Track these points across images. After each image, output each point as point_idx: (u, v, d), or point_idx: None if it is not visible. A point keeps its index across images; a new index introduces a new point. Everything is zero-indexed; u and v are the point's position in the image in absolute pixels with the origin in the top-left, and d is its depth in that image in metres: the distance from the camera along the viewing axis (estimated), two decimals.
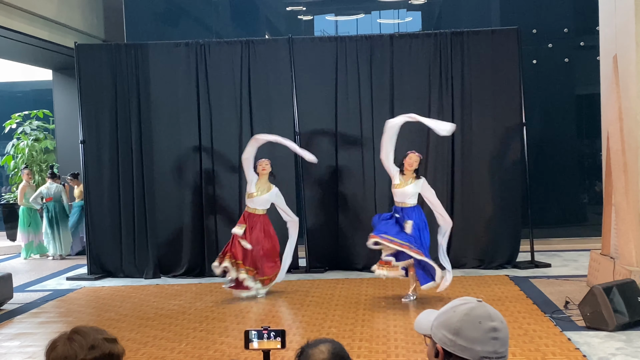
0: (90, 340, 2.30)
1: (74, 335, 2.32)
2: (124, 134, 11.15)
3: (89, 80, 11.20)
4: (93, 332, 2.34)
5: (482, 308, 2.27)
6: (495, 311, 2.25)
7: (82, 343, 2.29)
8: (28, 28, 11.90)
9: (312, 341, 2.65)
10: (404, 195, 8.56)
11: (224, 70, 11.10)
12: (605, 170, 9.24)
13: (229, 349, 6.85)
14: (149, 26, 14.14)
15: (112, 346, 2.34)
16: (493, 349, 2.21)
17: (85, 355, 2.27)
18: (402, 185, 8.58)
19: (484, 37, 10.97)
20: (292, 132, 11.01)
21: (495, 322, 2.21)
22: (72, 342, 2.29)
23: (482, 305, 2.27)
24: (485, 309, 2.27)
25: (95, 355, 2.28)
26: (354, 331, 7.39)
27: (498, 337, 2.21)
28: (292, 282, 10.28)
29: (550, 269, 10.56)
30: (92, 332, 2.35)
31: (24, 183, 13.97)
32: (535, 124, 12.51)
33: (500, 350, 2.21)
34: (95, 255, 11.24)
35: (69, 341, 2.30)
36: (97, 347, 2.30)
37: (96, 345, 2.30)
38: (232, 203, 11.01)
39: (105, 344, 2.32)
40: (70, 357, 2.26)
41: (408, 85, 10.93)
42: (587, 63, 12.79)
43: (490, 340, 2.21)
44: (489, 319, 2.23)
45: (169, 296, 9.63)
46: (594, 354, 6.29)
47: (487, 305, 2.27)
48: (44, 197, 13.74)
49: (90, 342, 2.29)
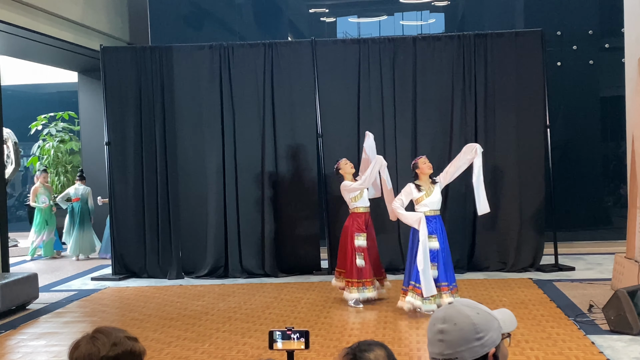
0: (112, 338, 2.36)
1: (96, 334, 2.38)
2: (148, 136, 11.24)
3: (114, 83, 11.32)
4: (115, 331, 2.41)
5: (444, 310, 2.31)
6: (455, 314, 2.25)
7: (105, 341, 2.34)
8: (53, 30, 12.04)
9: (362, 344, 2.52)
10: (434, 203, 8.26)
11: (247, 73, 11.16)
12: (630, 173, 9.16)
13: (252, 349, 6.89)
14: (173, 29, 14.25)
15: (133, 344, 2.40)
16: (439, 351, 2.24)
17: (107, 352, 2.32)
18: (429, 194, 8.27)
19: (507, 39, 10.93)
20: (314, 134, 11.05)
21: (445, 324, 2.24)
22: (95, 341, 2.35)
23: (450, 307, 2.30)
24: (446, 311, 2.30)
25: (118, 352, 2.34)
26: (376, 333, 7.40)
27: (444, 339, 2.23)
28: (314, 283, 10.30)
29: (574, 272, 10.48)
30: (114, 331, 2.41)
31: (38, 184, 14.15)
32: (559, 126, 12.44)
33: (446, 352, 2.23)
34: (119, 256, 11.34)
35: (92, 340, 2.36)
36: (119, 344, 2.36)
37: (118, 342, 2.36)
38: (255, 205, 11.06)
39: (127, 342, 2.38)
40: (93, 354, 2.31)
41: (431, 87, 10.91)
42: (612, 65, 12.69)
43: (437, 342, 2.26)
44: (441, 321, 2.26)
45: (193, 297, 9.69)
46: (618, 357, 6.25)
47: (454, 308, 2.29)
48: (72, 197, 13.94)
49: (112, 340, 2.35)
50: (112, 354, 2.32)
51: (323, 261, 11.16)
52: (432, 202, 8.19)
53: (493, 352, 2.26)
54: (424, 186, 8.25)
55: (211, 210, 11.15)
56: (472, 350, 2.21)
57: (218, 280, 10.81)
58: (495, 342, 2.27)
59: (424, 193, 8.20)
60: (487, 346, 2.24)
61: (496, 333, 2.28)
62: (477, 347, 2.22)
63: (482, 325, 2.24)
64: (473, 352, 2.21)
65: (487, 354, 2.24)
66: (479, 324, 2.24)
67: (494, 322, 2.30)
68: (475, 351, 2.22)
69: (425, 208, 8.18)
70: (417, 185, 8.25)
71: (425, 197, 8.19)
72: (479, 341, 2.22)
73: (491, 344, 2.25)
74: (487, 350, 2.24)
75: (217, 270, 11.10)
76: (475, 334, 2.22)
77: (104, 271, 11.90)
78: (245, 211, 11.10)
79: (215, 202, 11.14)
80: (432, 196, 8.19)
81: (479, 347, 2.22)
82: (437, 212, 8.27)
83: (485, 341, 2.23)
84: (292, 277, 10.84)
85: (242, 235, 11.11)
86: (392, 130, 10.96)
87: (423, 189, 8.22)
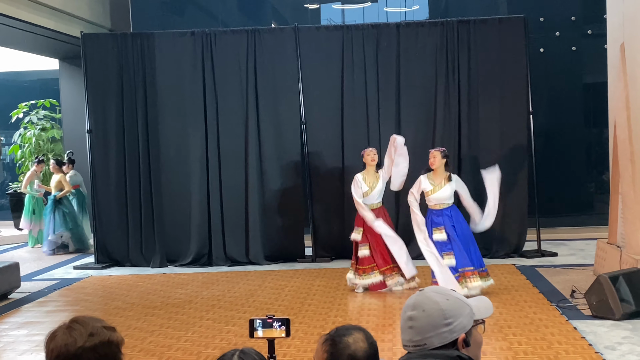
0: (89, 328, 2.33)
1: (73, 324, 2.35)
2: (130, 123, 11.16)
3: (95, 70, 11.22)
4: (92, 321, 2.37)
5: (415, 297, 2.31)
6: (424, 300, 2.25)
7: (82, 331, 2.31)
8: (34, 17, 11.91)
9: (340, 329, 2.48)
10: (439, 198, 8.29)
11: (230, 60, 11.09)
12: (612, 159, 9.21)
13: (235, 337, 6.88)
14: (155, 15, 14.13)
15: (111, 334, 2.37)
16: (409, 338, 2.25)
17: (84, 342, 2.29)
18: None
19: (490, 26, 10.92)
20: (298, 122, 11.01)
21: (414, 311, 2.24)
22: (72, 331, 2.31)
23: (420, 294, 2.30)
24: (416, 298, 2.30)
25: (95, 342, 2.30)
26: (360, 320, 7.40)
27: (413, 326, 2.23)
28: (299, 270, 10.31)
29: (556, 258, 10.54)
30: (91, 320, 2.38)
31: (32, 171, 13.96)
32: (542, 112, 12.46)
33: (415, 338, 2.23)
34: (102, 245, 11.28)
35: (69, 330, 2.32)
36: (96, 334, 2.32)
37: (95, 332, 2.32)
38: (239, 192, 11.03)
39: (105, 332, 2.35)
40: (70, 344, 2.28)
41: (414, 73, 10.90)
42: (594, 51, 12.72)
43: (407, 329, 2.26)
44: (411, 308, 2.27)
45: (176, 285, 9.66)
46: (600, 342, 6.29)
47: (424, 295, 2.28)
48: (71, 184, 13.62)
49: (89, 330, 2.32)
50: (89, 344, 2.29)
51: (307, 248, 11.16)
52: (438, 198, 8.19)
53: (463, 338, 2.25)
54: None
55: (194, 198, 11.10)
56: (441, 335, 2.21)
57: (202, 269, 10.78)
58: (466, 327, 2.26)
59: (432, 188, 8.21)
60: (456, 332, 2.23)
61: (467, 319, 2.27)
62: (445, 333, 2.21)
63: (451, 311, 2.24)
64: (441, 337, 2.21)
65: (457, 339, 2.24)
66: (448, 310, 2.23)
67: (464, 308, 2.29)
68: (443, 337, 2.21)
69: (433, 202, 8.25)
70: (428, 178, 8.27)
71: (434, 191, 8.20)
72: (447, 327, 2.22)
73: (460, 329, 2.24)
74: (457, 336, 2.23)
75: (201, 259, 11.06)
76: (444, 320, 2.22)
77: (87, 260, 11.85)
78: (229, 199, 11.06)
79: (198, 190, 11.09)
80: (441, 191, 8.18)
81: (447, 332, 2.21)
82: (443, 205, 8.21)
83: (454, 327, 2.23)
84: (276, 265, 10.84)
85: (225, 223, 11.07)
86: (375, 117, 10.95)
87: (433, 183, 8.23)
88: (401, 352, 2.35)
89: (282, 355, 6.14)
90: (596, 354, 5.96)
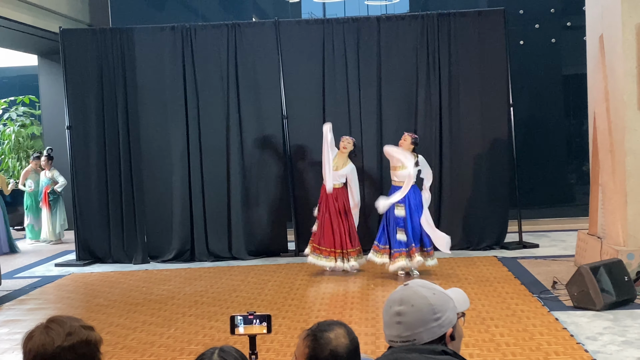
0: (67, 327, 2.30)
1: (50, 324, 2.32)
2: (110, 119, 11.08)
3: (75, 66, 11.12)
4: (70, 320, 2.35)
5: (401, 292, 2.28)
6: (412, 295, 2.23)
7: (59, 330, 2.29)
8: (12, 13, 11.77)
9: (322, 324, 2.48)
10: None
11: (211, 54, 11.04)
12: (592, 150, 9.27)
13: (218, 333, 6.86)
14: (134, 10, 14.01)
15: (89, 333, 2.35)
16: (397, 333, 2.23)
17: (62, 342, 2.27)
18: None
19: (470, 19, 10.95)
20: (279, 116, 10.98)
21: (402, 306, 2.22)
22: (50, 331, 2.29)
23: (406, 288, 2.28)
24: (402, 292, 2.27)
25: (73, 342, 2.28)
26: (343, 314, 7.41)
27: (402, 321, 2.21)
28: (282, 265, 10.30)
29: (538, 250, 10.61)
30: (69, 320, 2.35)
31: (30, 167, 13.89)
32: (522, 104, 12.50)
33: (404, 334, 2.21)
34: (83, 242, 11.21)
35: (46, 330, 2.30)
36: (74, 333, 2.30)
37: (73, 332, 2.30)
38: (221, 187, 10.99)
39: (83, 331, 2.33)
40: (47, 344, 2.26)
41: (395, 67, 10.90)
42: (574, 43, 12.78)
43: (394, 324, 2.23)
44: (398, 303, 2.24)
45: (158, 281, 9.62)
46: (582, 333, 6.34)
47: (410, 289, 2.26)
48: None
49: (67, 330, 2.30)
50: (67, 344, 2.27)
51: (290, 243, 11.15)
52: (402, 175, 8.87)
53: (450, 332, 2.25)
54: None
55: (176, 193, 11.05)
56: (431, 331, 2.20)
57: (184, 265, 10.74)
58: (452, 321, 2.26)
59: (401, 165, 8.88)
60: (445, 326, 2.23)
61: (452, 313, 2.28)
62: (435, 328, 2.21)
63: (439, 305, 2.23)
64: (431, 332, 2.20)
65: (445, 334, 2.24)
66: (436, 305, 2.23)
67: (449, 302, 2.29)
68: (433, 332, 2.21)
69: (398, 178, 8.99)
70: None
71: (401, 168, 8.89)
72: (436, 322, 2.21)
73: (448, 324, 2.24)
74: (445, 331, 2.23)
75: (183, 254, 11.02)
76: (433, 315, 2.21)
77: (68, 257, 11.77)
78: (211, 194, 11.02)
79: (180, 186, 11.04)
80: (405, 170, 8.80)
81: (436, 327, 2.21)
82: (400, 183, 8.87)
83: (443, 321, 2.23)
84: (259, 260, 10.82)
85: (208, 219, 11.03)
86: (357, 110, 10.95)
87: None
88: (384, 347, 2.34)
89: (266, 351, 6.14)
90: (578, 344, 6.00)
